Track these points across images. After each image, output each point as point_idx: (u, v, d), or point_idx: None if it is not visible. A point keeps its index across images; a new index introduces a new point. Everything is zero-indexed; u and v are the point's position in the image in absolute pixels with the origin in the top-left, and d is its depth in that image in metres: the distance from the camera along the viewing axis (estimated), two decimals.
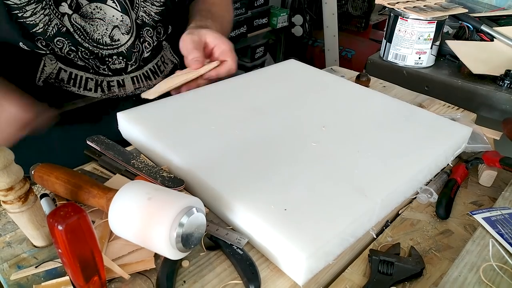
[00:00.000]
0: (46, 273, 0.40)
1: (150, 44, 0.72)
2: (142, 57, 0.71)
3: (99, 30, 0.65)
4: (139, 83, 0.72)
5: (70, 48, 0.63)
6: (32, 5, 0.59)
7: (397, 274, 0.40)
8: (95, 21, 0.64)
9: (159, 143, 0.53)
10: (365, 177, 0.48)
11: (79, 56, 0.64)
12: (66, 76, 0.65)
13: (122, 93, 0.70)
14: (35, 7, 0.59)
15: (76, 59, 0.64)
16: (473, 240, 0.43)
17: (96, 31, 0.65)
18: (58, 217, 0.31)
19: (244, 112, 0.60)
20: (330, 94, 0.67)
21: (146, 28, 0.71)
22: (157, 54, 0.74)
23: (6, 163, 0.36)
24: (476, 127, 0.64)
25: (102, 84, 0.68)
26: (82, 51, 0.64)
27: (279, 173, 0.48)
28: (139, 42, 0.70)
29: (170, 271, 0.39)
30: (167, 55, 0.77)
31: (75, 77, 0.65)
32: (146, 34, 0.71)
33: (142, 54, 0.71)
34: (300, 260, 0.38)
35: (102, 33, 0.65)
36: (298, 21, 2.18)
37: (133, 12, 0.68)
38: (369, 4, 2.12)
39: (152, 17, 0.71)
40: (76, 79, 0.65)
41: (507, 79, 0.90)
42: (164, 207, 0.37)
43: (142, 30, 0.70)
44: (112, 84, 0.69)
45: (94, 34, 0.65)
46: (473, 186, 0.55)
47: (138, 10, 0.69)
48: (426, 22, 0.95)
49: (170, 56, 0.78)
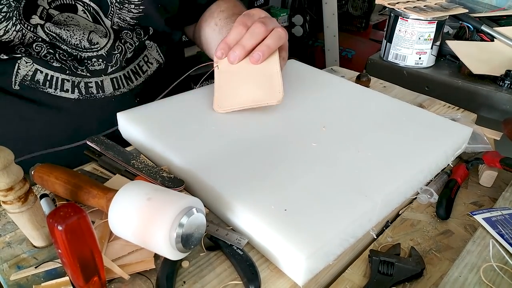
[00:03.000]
0: (46, 274, 0.40)
1: (132, 45, 0.70)
2: (125, 57, 0.69)
3: (76, 35, 0.64)
4: (119, 84, 0.70)
5: (48, 50, 0.62)
6: (3, 23, 0.58)
7: (397, 274, 0.40)
8: (71, 27, 0.63)
9: (159, 143, 0.53)
10: (365, 177, 0.48)
11: (56, 58, 0.63)
12: (42, 77, 0.63)
13: (100, 95, 0.68)
14: (6, 25, 0.58)
15: (52, 61, 0.63)
16: (474, 241, 0.43)
17: (73, 36, 0.63)
18: (58, 217, 0.31)
19: (244, 112, 0.60)
20: (330, 94, 0.67)
21: (124, 31, 0.69)
22: (140, 54, 0.72)
23: (6, 163, 0.36)
24: (477, 128, 0.64)
25: (80, 85, 0.66)
26: (60, 53, 0.63)
27: (279, 174, 0.48)
28: (120, 43, 0.68)
29: (170, 272, 0.39)
30: (152, 54, 0.74)
31: (51, 78, 0.64)
32: (125, 36, 0.69)
33: (125, 55, 0.69)
34: (300, 261, 0.38)
35: (80, 38, 0.64)
36: (298, 21, 2.18)
37: (107, 19, 0.66)
38: (369, 4, 2.12)
39: (128, 21, 0.69)
40: (52, 81, 0.64)
41: (508, 79, 0.90)
42: (164, 207, 0.37)
43: (121, 33, 0.69)
44: (90, 86, 0.67)
45: (72, 40, 0.63)
46: (473, 186, 0.55)
47: (113, 17, 0.67)
48: (426, 22, 0.95)
49: (156, 55, 0.75)
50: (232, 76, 0.61)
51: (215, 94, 0.61)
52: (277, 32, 0.60)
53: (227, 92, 0.60)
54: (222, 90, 0.61)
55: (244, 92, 0.59)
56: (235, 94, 0.60)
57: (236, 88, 0.60)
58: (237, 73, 0.61)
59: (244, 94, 0.59)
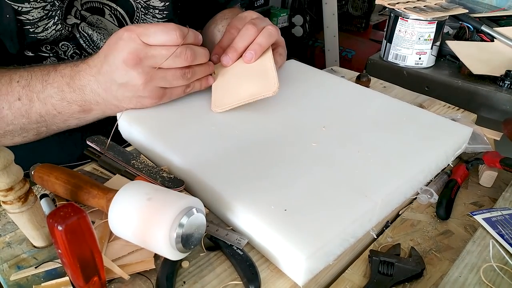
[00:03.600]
0: (46, 274, 0.40)
1: None
2: None
3: (105, 39, 0.65)
4: None
5: (75, 51, 0.63)
6: (44, 21, 0.58)
7: (398, 274, 0.40)
8: (101, 30, 0.64)
9: (159, 143, 0.53)
10: (365, 177, 0.48)
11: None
12: None
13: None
14: (46, 23, 0.59)
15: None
16: (474, 241, 0.43)
17: (102, 39, 0.65)
18: (58, 218, 0.31)
19: (244, 112, 0.60)
20: (330, 94, 0.67)
21: None
22: None
23: (6, 163, 0.36)
24: (477, 128, 0.64)
25: None
26: (85, 55, 0.64)
27: (279, 174, 0.48)
28: None
29: (170, 272, 0.39)
30: None
31: None
32: None
33: None
34: (300, 261, 0.38)
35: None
36: (298, 21, 2.18)
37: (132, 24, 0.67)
38: (369, 5, 2.12)
39: None
40: None
41: (508, 79, 0.90)
42: (164, 207, 0.37)
43: None
44: None
45: (101, 43, 0.65)
46: (473, 186, 0.55)
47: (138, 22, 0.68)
48: (426, 22, 0.95)
49: None
50: (228, 77, 0.63)
51: (212, 96, 0.61)
52: (267, 30, 0.61)
53: (224, 92, 0.61)
54: (219, 90, 0.62)
55: (240, 89, 0.60)
56: (232, 93, 0.60)
57: (232, 87, 0.61)
58: (233, 73, 0.63)
59: (240, 91, 0.60)
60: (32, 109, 0.54)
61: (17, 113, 0.54)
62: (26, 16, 0.57)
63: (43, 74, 0.54)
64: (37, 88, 0.54)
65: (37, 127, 0.57)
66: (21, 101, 0.54)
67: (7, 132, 0.56)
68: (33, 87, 0.54)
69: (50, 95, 0.54)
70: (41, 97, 0.54)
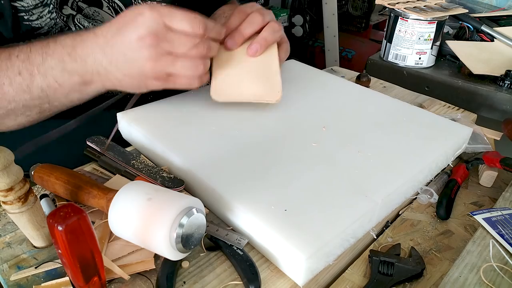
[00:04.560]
0: (46, 274, 0.40)
1: None
2: None
3: None
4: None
5: None
6: (39, 8, 0.58)
7: (398, 274, 0.40)
8: (98, 23, 0.64)
9: (159, 143, 0.53)
10: (365, 177, 0.48)
11: None
12: None
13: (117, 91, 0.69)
14: (41, 11, 0.58)
15: None
16: (474, 241, 0.43)
17: None
18: (58, 218, 0.31)
19: (244, 113, 0.60)
20: (330, 94, 0.67)
21: None
22: None
23: (6, 163, 0.36)
24: (477, 128, 0.64)
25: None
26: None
27: (279, 174, 0.48)
28: None
29: (170, 272, 0.39)
30: None
31: None
32: None
33: None
34: (300, 261, 0.38)
35: None
36: (298, 21, 2.18)
37: None
38: (369, 5, 2.12)
39: None
40: None
41: (508, 79, 0.90)
42: (164, 207, 0.37)
43: None
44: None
45: None
46: (473, 186, 0.55)
47: None
48: (426, 22, 0.95)
49: None
50: (231, 66, 0.61)
51: (212, 81, 0.60)
52: (272, 25, 0.61)
53: (226, 82, 0.60)
54: (220, 78, 0.60)
55: (243, 85, 0.59)
56: (234, 86, 0.60)
57: (235, 79, 0.60)
58: (236, 64, 0.61)
59: (243, 87, 0.59)
60: (33, 83, 0.53)
61: (18, 89, 0.54)
62: (21, 3, 0.57)
63: (43, 46, 0.53)
64: (37, 61, 0.53)
65: (40, 103, 0.56)
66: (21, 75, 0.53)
67: (10, 111, 0.55)
68: (33, 60, 0.53)
69: (50, 66, 0.53)
70: (41, 70, 0.53)
